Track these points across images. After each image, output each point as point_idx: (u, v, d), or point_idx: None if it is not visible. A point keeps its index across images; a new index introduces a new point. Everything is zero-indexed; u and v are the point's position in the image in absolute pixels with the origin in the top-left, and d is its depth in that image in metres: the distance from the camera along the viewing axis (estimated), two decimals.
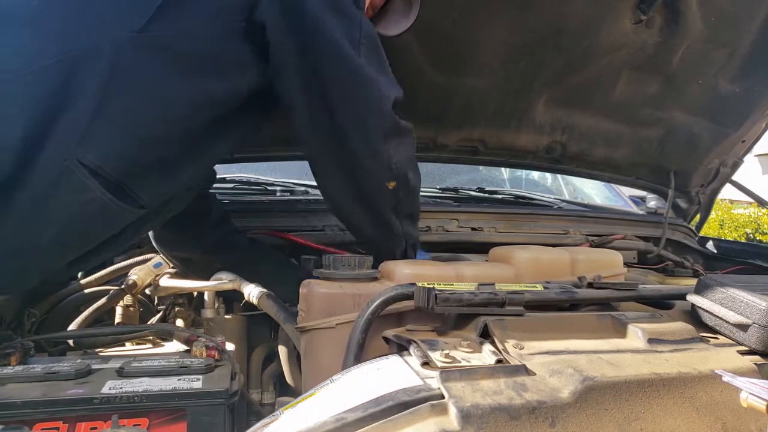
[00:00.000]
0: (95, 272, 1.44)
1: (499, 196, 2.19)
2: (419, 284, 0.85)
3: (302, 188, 1.91)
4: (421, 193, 2.07)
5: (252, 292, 1.29)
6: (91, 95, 0.95)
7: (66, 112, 0.95)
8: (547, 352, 0.70)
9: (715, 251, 2.18)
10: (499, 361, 0.67)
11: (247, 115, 1.18)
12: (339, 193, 1.25)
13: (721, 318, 0.80)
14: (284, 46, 1.09)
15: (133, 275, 1.39)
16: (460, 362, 0.67)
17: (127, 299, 1.38)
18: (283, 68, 1.12)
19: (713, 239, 2.27)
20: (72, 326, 1.31)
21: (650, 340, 0.76)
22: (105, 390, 0.85)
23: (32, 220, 0.98)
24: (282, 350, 1.27)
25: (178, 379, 0.90)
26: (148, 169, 1.06)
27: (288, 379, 1.27)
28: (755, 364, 0.72)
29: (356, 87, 1.13)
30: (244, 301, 1.38)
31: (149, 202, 1.10)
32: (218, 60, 1.07)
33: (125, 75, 0.98)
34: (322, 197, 1.31)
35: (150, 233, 1.44)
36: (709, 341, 0.80)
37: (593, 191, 2.74)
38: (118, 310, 1.38)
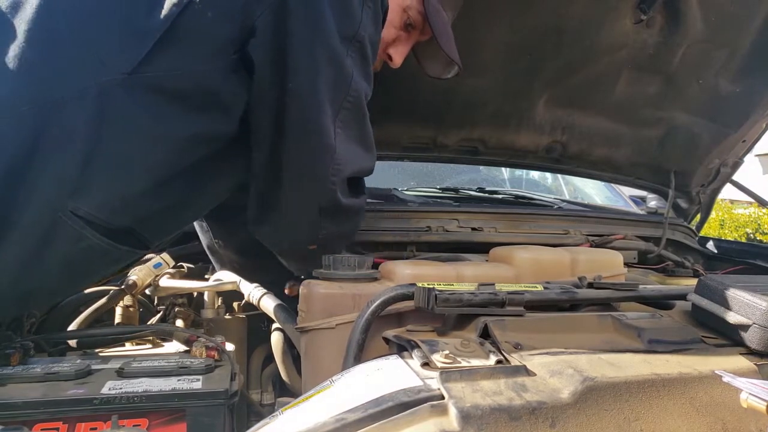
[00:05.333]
0: None
1: (499, 196, 2.18)
2: (419, 284, 0.85)
3: None
4: (421, 193, 2.08)
5: (252, 292, 1.29)
6: (79, 143, 0.91)
7: (50, 162, 0.90)
8: (547, 353, 0.69)
9: (716, 251, 2.18)
10: (499, 362, 0.67)
11: (245, 145, 1.13)
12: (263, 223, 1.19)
13: (721, 318, 0.80)
14: (264, 83, 1.02)
15: (133, 275, 1.39)
16: (460, 363, 0.66)
17: (127, 299, 1.38)
18: (258, 105, 1.05)
19: (713, 239, 2.27)
20: (72, 326, 1.31)
21: (650, 341, 0.76)
22: (105, 390, 0.85)
23: (29, 268, 0.96)
24: (275, 350, 1.27)
25: (178, 380, 0.90)
26: (152, 213, 1.04)
27: (284, 377, 1.27)
28: (755, 364, 0.72)
29: (310, 152, 1.06)
30: (244, 301, 1.38)
31: (153, 241, 1.11)
32: (216, 95, 1.01)
33: (116, 119, 0.93)
34: None
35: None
36: (710, 341, 0.80)
37: (593, 191, 2.75)
38: (118, 311, 1.37)
